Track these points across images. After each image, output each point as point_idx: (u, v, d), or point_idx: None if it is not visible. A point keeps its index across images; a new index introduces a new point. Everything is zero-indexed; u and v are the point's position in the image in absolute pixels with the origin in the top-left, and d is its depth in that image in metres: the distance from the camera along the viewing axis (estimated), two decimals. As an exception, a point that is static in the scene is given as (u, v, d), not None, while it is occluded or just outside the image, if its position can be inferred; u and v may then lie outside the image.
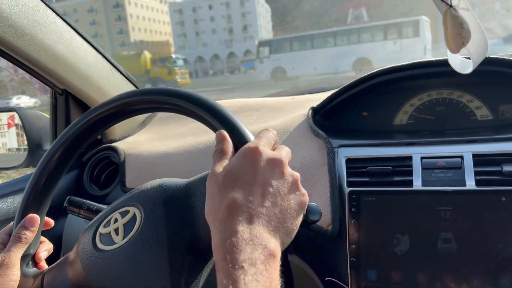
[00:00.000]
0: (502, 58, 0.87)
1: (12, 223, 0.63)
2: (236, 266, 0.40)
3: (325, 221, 0.77)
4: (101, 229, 0.61)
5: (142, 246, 0.56)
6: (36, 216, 0.62)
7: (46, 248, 0.66)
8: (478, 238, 0.68)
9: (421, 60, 0.94)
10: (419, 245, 0.71)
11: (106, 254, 0.57)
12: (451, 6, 0.49)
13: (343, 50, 23.23)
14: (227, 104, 1.33)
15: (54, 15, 0.95)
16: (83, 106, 1.11)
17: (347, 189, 0.78)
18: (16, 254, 0.59)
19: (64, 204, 0.78)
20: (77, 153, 0.65)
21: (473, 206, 0.69)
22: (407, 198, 0.74)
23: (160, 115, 1.34)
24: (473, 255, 0.68)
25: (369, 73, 0.98)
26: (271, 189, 0.45)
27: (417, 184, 0.74)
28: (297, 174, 0.49)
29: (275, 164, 0.47)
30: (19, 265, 0.60)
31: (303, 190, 0.48)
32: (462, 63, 0.57)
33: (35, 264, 0.65)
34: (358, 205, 0.75)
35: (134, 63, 31.52)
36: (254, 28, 69.23)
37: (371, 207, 0.75)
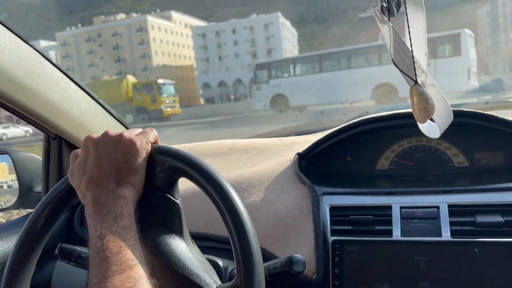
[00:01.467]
0: (474, 111, 0.93)
1: None
2: (95, 215, 0.55)
3: (310, 269, 0.80)
4: None
5: None
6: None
7: None
8: None
9: (400, 111, 0.99)
10: None
11: None
12: (416, 82, 0.54)
13: (360, 73, 17.34)
14: (217, 145, 1.37)
15: (51, 65, 0.99)
16: (76, 150, 1.14)
17: (330, 238, 0.82)
18: None
19: (55, 252, 0.79)
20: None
21: (448, 257, 0.73)
22: (387, 248, 0.77)
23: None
24: None
25: (352, 122, 1.03)
26: (102, 158, 0.60)
27: (396, 234, 0.78)
28: (116, 134, 0.62)
29: (100, 139, 0.61)
30: None
31: (126, 139, 0.61)
32: (431, 127, 0.62)
33: None
34: (341, 255, 0.79)
35: (115, 90, 26.44)
36: (278, 52, 66.87)
37: (353, 257, 0.78)
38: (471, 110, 0.94)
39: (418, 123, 0.65)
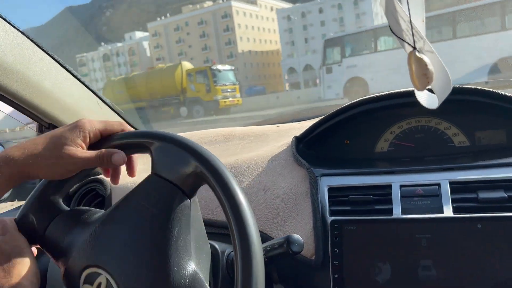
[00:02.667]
0: (474, 88, 0.91)
1: None
2: None
3: (308, 250, 0.79)
4: None
5: None
6: (125, 157, 0.62)
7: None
8: (456, 265, 0.70)
9: (399, 90, 0.97)
10: (400, 273, 0.72)
11: None
12: (415, 48, 0.52)
13: (473, 44, 11.16)
14: (213, 133, 1.35)
15: (41, 51, 0.97)
16: (69, 139, 1.12)
17: (329, 219, 0.80)
18: (82, 164, 0.59)
19: None
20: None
21: (450, 233, 0.71)
22: (387, 226, 0.75)
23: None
24: (452, 281, 0.70)
25: (349, 103, 1.01)
26: None
27: (397, 213, 0.76)
28: None
29: None
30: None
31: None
32: (429, 98, 0.60)
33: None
34: (340, 235, 0.77)
35: (169, 80, 22.51)
36: (370, 30, 61.39)
37: (353, 236, 0.76)
38: (472, 86, 0.91)
39: (416, 94, 0.62)
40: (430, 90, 0.60)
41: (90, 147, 0.61)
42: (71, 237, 0.61)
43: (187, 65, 24.53)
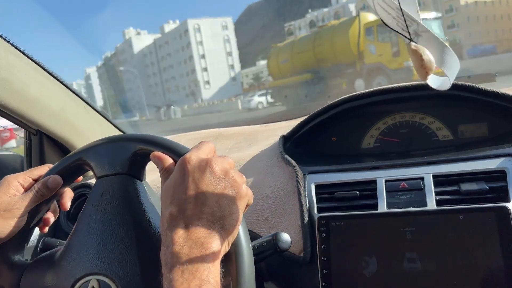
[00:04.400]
0: (456, 83, 0.92)
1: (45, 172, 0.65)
2: (174, 269, 0.45)
3: (297, 247, 0.80)
4: None
5: None
6: (60, 178, 0.63)
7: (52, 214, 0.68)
8: (440, 256, 0.71)
9: (382, 87, 0.99)
10: (386, 266, 0.74)
11: None
12: (411, 40, 0.52)
13: None
14: (202, 135, 1.36)
15: (26, 58, 0.97)
16: (58, 145, 1.12)
17: (316, 215, 0.81)
18: (26, 204, 0.61)
19: (39, 246, 0.78)
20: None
21: (434, 226, 0.73)
22: (372, 221, 0.77)
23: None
24: (436, 273, 0.71)
25: (334, 100, 1.02)
26: (203, 193, 0.49)
27: (382, 207, 0.78)
28: (227, 166, 0.52)
29: (204, 167, 0.50)
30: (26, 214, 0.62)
31: (234, 178, 0.52)
32: (439, 81, 0.58)
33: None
34: (327, 231, 0.78)
35: (341, 40, 16.20)
36: None
37: (339, 232, 0.78)
38: (454, 82, 0.93)
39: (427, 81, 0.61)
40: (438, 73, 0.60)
41: None
42: (48, 280, 0.61)
43: (367, 17, 15.93)
